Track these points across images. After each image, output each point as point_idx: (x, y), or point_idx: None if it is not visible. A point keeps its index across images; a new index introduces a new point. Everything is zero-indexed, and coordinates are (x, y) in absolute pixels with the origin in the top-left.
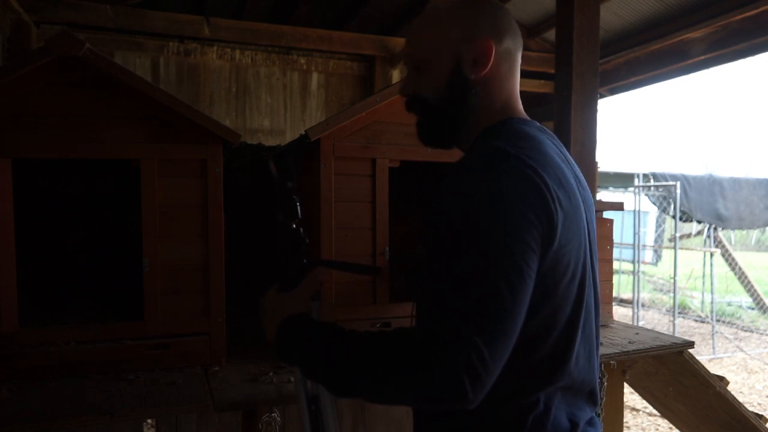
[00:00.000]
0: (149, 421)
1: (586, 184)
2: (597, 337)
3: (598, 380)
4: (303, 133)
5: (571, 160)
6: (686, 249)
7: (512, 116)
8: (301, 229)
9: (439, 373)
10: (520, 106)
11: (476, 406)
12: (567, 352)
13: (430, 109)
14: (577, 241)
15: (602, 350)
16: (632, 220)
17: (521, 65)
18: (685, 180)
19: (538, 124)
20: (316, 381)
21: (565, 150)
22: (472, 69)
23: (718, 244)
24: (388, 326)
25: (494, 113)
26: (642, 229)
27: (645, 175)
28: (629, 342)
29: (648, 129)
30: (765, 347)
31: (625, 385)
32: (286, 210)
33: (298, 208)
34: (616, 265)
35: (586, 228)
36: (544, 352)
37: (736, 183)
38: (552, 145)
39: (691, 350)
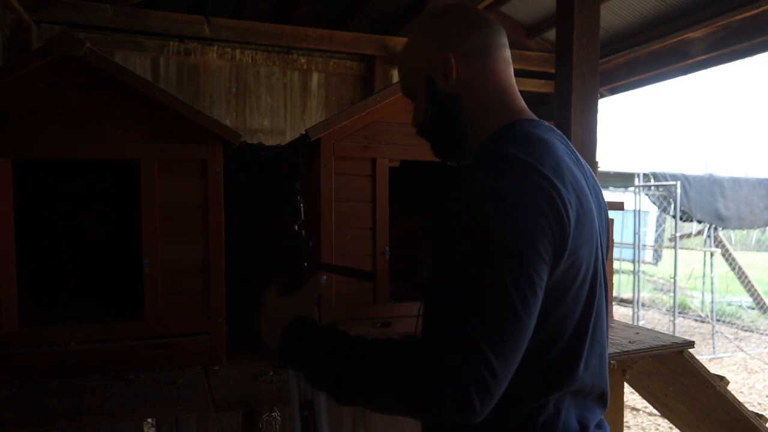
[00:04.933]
0: (149, 420)
1: (598, 184)
2: (606, 338)
3: None
4: (303, 132)
5: (582, 160)
6: (686, 249)
7: (520, 117)
8: (304, 232)
9: (447, 385)
10: (523, 104)
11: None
12: (576, 358)
13: (432, 134)
14: (588, 245)
15: None
16: (632, 220)
17: (521, 65)
18: (685, 180)
19: (546, 124)
20: (321, 389)
21: (575, 150)
22: (444, 82)
23: (719, 243)
24: (388, 326)
25: (496, 113)
26: (642, 229)
27: (645, 175)
28: (629, 342)
29: (648, 129)
30: (765, 347)
31: (625, 384)
32: (289, 211)
33: (302, 209)
34: (616, 264)
35: (597, 230)
36: (552, 358)
37: (736, 183)
38: (562, 146)
39: (691, 350)
